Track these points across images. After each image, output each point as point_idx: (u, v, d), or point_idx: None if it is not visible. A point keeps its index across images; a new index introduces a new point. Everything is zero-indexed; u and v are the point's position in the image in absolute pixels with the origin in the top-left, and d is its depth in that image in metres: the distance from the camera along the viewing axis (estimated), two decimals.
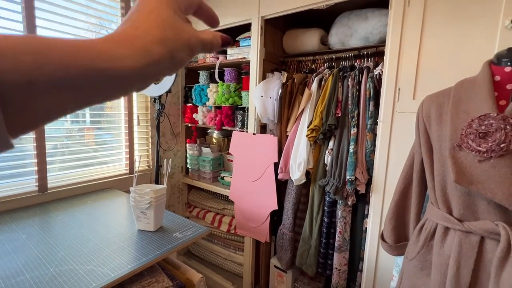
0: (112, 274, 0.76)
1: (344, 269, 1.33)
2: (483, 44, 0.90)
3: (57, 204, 1.30)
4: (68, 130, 1.49)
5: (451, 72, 0.96)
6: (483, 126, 0.62)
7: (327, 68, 1.42)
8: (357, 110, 1.22)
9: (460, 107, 0.69)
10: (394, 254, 0.92)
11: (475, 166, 0.63)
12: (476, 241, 0.66)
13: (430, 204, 0.78)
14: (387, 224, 0.93)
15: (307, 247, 1.40)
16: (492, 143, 0.60)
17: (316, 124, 1.26)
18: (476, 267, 0.65)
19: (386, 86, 1.10)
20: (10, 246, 0.89)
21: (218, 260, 1.90)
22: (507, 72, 0.65)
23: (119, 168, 1.71)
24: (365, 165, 1.21)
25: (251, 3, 1.49)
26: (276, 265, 1.60)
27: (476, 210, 0.66)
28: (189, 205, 2.09)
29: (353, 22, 1.36)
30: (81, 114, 1.56)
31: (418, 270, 0.79)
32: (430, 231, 0.76)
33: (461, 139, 0.65)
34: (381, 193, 1.15)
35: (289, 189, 1.47)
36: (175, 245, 0.95)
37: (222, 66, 1.72)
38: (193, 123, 1.94)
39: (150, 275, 0.89)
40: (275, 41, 1.62)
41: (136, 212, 1.04)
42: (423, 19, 1.01)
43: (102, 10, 1.52)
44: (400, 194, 0.90)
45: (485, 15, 0.90)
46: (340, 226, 1.30)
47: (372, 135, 1.19)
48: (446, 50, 0.97)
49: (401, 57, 1.06)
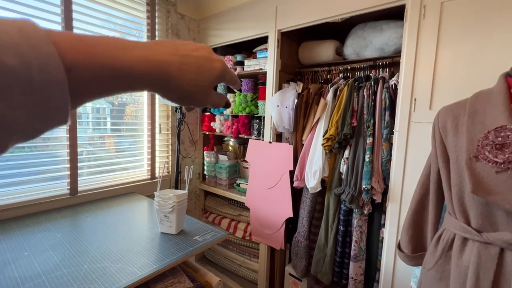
0: (139, 273, 0.82)
1: (360, 279, 1.32)
2: (500, 56, 0.91)
3: (86, 206, 1.39)
4: (92, 138, 1.60)
5: (467, 83, 0.97)
6: (500, 138, 0.63)
7: (342, 79, 1.46)
8: (373, 119, 1.24)
9: (476, 118, 0.70)
10: (411, 264, 0.92)
11: (492, 177, 0.64)
12: (495, 252, 0.66)
13: (448, 214, 0.78)
14: (404, 233, 0.93)
15: (323, 255, 1.40)
16: (509, 155, 0.61)
17: (331, 133, 1.29)
18: (496, 279, 0.65)
19: (402, 96, 1.12)
20: (48, 243, 0.98)
21: (233, 266, 1.92)
22: None
23: (141, 173, 1.80)
24: (381, 175, 1.22)
25: (268, 18, 1.56)
26: (291, 273, 1.61)
27: (494, 221, 0.66)
28: (205, 211, 2.15)
29: (368, 33, 1.39)
30: (103, 122, 1.67)
31: (436, 280, 0.79)
32: (448, 242, 0.76)
33: (478, 150, 0.66)
34: (398, 203, 1.15)
35: (305, 197, 1.49)
36: (196, 248, 1.00)
37: (240, 76, 1.79)
38: (210, 131, 2.01)
39: (173, 276, 0.94)
40: (291, 53, 1.68)
41: (160, 216, 1.10)
42: (438, 31, 1.03)
43: (128, 20, 1.63)
44: (417, 203, 0.91)
45: (502, 27, 0.91)
46: (356, 235, 1.30)
47: (388, 145, 1.20)
48: (463, 61, 0.98)
49: (417, 68, 1.08)
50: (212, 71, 0.30)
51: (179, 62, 0.26)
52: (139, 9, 1.66)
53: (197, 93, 0.29)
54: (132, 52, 0.23)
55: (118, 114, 1.72)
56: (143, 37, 1.72)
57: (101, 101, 1.66)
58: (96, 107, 1.65)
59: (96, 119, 1.62)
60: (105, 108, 1.69)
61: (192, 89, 0.28)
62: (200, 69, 0.28)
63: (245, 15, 1.69)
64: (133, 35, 1.70)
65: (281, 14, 1.52)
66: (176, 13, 1.85)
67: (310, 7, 1.40)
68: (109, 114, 1.70)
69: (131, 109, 1.79)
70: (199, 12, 1.98)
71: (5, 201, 1.21)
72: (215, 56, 0.30)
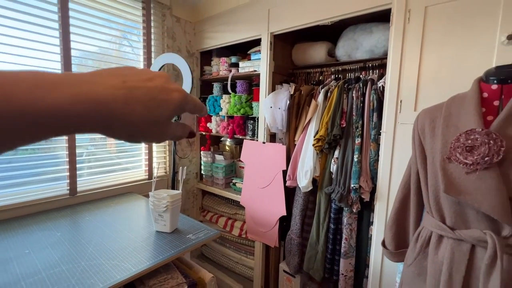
0: (133, 269, 0.86)
1: (350, 275, 1.36)
2: (481, 59, 0.94)
3: (85, 206, 1.44)
4: (93, 139, 1.65)
5: (450, 86, 1.00)
6: (469, 140, 0.66)
7: (333, 80, 1.49)
8: (361, 121, 1.27)
9: (451, 121, 0.74)
10: (395, 260, 0.96)
11: (463, 178, 0.67)
12: (467, 248, 0.69)
13: (426, 213, 0.82)
14: (388, 231, 0.97)
15: (314, 252, 1.44)
16: (477, 157, 0.64)
17: (322, 134, 1.32)
18: (467, 273, 0.69)
19: (389, 98, 1.15)
20: (48, 242, 1.03)
21: (230, 263, 1.97)
22: (494, 89, 0.69)
23: (139, 174, 1.84)
24: (369, 174, 1.25)
25: (261, 20, 1.60)
26: (285, 269, 1.65)
27: (466, 219, 0.70)
28: (203, 210, 2.20)
29: (359, 35, 1.42)
30: None
31: (415, 276, 0.83)
32: (426, 239, 0.80)
33: (450, 152, 0.70)
34: (385, 201, 1.19)
35: (297, 195, 1.53)
36: (189, 245, 1.04)
37: (234, 78, 1.83)
38: (207, 131, 2.05)
39: (166, 272, 0.99)
40: (284, 54, 1.71)
41: (154, 215, 1.15)
42: (422, 35, 1.05)
43: (123, 24, 1.67)
44: (400, 202, 0.94)
45: (482, 32, 0.93)
46: (346, 232, 1.34)
47: (376, 145, 1.23)
48: (445, 64, 1.01)
49: (403, 70, 1.11)
50: (168, 104, 0.26)
51: (125, 96, 0.22)
52: (134, 13, 1.70)
53: (151, 130, 0.25)
54: (60, 90, 0.19)
55: None
56: (139, 40, 1.76)
57: None
58: None
59: None
60: None
61: (144, 126, 0.24)
62: (153, 101, 0.24)
63: (239, 18, 1.72)
64: (129, 39, 1.74)
65: (274, 17, 1.55)
66: (172, 16, 1.89)
67: (301, 11, 1.43)
68: None
69: None
70: (194, 15, 2.01)
71: (7, 202, 1.26)
72: (172, 86, 0.27)
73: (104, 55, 1.62)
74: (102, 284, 0.79)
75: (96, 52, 1.59)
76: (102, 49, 1.60)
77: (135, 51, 1.77)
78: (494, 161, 0.62)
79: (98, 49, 1.58)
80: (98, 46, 1.57)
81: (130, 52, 1.76)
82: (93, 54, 1.58)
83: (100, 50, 1.59)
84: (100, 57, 1.61)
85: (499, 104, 0.70)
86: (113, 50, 1.65)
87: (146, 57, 1.77)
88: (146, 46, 1.76)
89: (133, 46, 1.76)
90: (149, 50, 1.78)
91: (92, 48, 1.54)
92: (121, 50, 1.70)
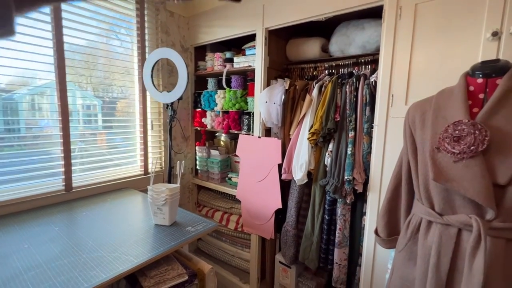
0: (135, 261, 0.88)
1: (344, 264, 1.41)
2: (468, 54, 0.99)
3: (81, 201, 1.44)
4: (84, 135, 1.63)
5: (439, 80, 1.05)
6: (457, 131, 0.70)
7: (327, 75, 1.52)
8: (355, 114, 1.31)
9: (440, 113, 0.78)
10: (387, 247, 1.01)
11: (450, 166, 0.72)
12: (454, 232, 0.74)
13: (416, 200, 0.87)
14: (380, 219, 1.02)
15: (309, 243, 1.49)
16: (464, 146, 0.68)
17: (316, 128, 1.36)
18: (454, 255, 0.74)
19: (381, 92, 1.19)
20: (47, 236, 1.03)
21: (226, 257, 2.00)
22: (479, 83, 0.74)
23: (135, 169, 1.84)
24: (362, 166, 1.30)
25: (256, 16, 1.61)
26: (281, 260, 1.70)
27: (453, 205, 0.75)
28: (199, 204, 2.21)
29: (351, 31, 1.45)
30: (94, 120, 1.70)
31: (406, 260, 0.88)
32: (416, 225, 0.84)
33: (439, 142, 0.74)
34: (378, 192, 1.24)
35: (292, 188, 1.56)
36: (188, 237, 1.06)
37: (229, 73, 1.84)
38: (202, 127, 2.06)
39: (167, 263, 1.01)
40: (279, 50, 1.73)
41: (153, 208, 1.16)
42: (413, 31, 1.09)
43: (118, 18, 1.65)
44: (392, 192, 0.99)
45: (469, 28, 0.98)
46: (340, 223, 1.38)
47: (369, 138, 1.27)
48: (435, 59, 1.06)
49: (394, 66, 1.15)
50: None
51: None
52: (128, 7, 1.68)
53: None
54: None
55: (109, 112, 1.75)
56: (133, 35, 1.74)
57: (91, 97, 1.69)
58: (86, 104, 1.68)
59: (87, 117, 1.65)
60: (95, 104, 1.72)
61: None
62: None
63: (233, 13, 1.73)
64: (123, 33, 1.72)
65: (268, 12, 1.56)
66: (166, 10, 1.87)
67: (295, 6, 1.45)
68: (100, 111, 1.73)
69: (123, 105, 1.82)
70: (188, 9, 2.00)
71: (2, 198, 1.24)
72: None
73: (99, 50, 1.60)
74: (105, 275, 0.80)
75: (89, 47, 1.56)
76: (94, 43, 1.58)
77: (130, 45, 1.75)
78: (479, 150, 0.66)
79: (90, 43, 1.56)
80: (90, 40, 1.55)
81: (124, 47, 1.74)
82: (90, 50, 1.56)
83: (93, 44, 1.57)
84: (94, 51, 1.58)
85: (484, 97, 0.74)
86: (106, 45, 1.63)
87: (141, 51, 1.76)
88: (140, 40, 1.75)
89: (127, 41, 1.74)
90: (143, 44, 1.76)
91: (84, 42, 1.52)
92: (113, 44, 1.68)
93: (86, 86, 1.64)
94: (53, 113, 1.43)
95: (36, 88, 1.42)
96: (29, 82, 1.39)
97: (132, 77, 1.79)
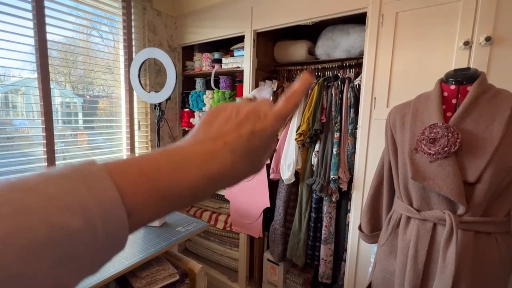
0: (126, 262, 0.88)
1: (330, 259, 1.47)
2: (443, 61, 1.06)
3: None
4: (66, 135, 1.59)
5: (417, 85, 1.12)
6: (433, 133, 0.76)
7: (314, 78, 1.57)
8: (340, 116, 1.37)
9: (417, 117, 0.84)
10: (370, 242, 1.07)
11: (427, 166, 0.78)
12: (430, 227, 0.80)
13: (396, 198, 0.93)
14: (364, 216, 1.07)
15: (297, 240, 1.54)
16: (439, 147, 0.74)
17: (303, 129, 1.40)
18: (430, 248, 0.80)
19: (364, 95, 1.25)
20: None
21: (214, 256, 2.02)
22: (452, 89, 0.80)
23: None
24: (347, 166, 1.36)
25: (244, 18, 1.63)
26: (269, 258, 1.73)
27: (430, 201, 0.81)
28: None
29: (337, 36, 1.51)
30: (74, 120, 1.66)
31: (387, 254, 0.94)
32: (396, 221, 0.90)
33: (417, 144, 0.80)
34: (361, 190, 1.30)
35: (280, 188, 1.60)
36: (179, 237, 1.07)
37: (218, 74, 1.85)
38: (190, 127, 2.06)
39: (158, 264, 1.02)
40: (267, 52, 1.76)
41: None
42: (394, 38, 1.16)
43: (103, 16, 1.62)
44: (374, 190, 1.05)
45: (444, 37, 1.06)
46: (326, 220, 1.44)
47: (353, 139, 1.33)
48: (414, 65, 1.13)
49: (377, 70, 1.22)
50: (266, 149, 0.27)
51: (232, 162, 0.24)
52: (114, 5, 1.65)
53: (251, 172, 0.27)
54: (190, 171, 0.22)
55: (90, 111, 1.70)
56: (119, 33, 1.71)
57: (71, 95, 1.64)
58: (66, 102, 1.63)
59: (66, 116, 1.61)
60: (75, 103, 1.68)
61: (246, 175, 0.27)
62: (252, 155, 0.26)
63: (222, 14, 1.74)
64: (109, 32, 1.69)
65: (257, 15, 1.59)
66: (153, 9, 1.85)
67: (283, 10, 1.48)
68: (81, 110, 1.69)
69: (105, 104, 1.78)
70: (176, 8, 1.99)
71: None
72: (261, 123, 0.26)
73: (83, 48, 1.56)
74: (95, 277, 0.80)
75: (72, 45, 1.52)
76: (76, 41, 1.54)
77: (112, 43, 1.72)
78: (452, 151, 0.73)
79: (72, 41, 1.52)
80: (70, 37, 1.51)
81: (107, 45, 1.71)
82: (69, 46, 1.52)
83: (75, 42, 1.53)
84: (76, 49, 1.54)
85: (456, 102, 0.81)
86: (88, 42, 1.59)
87: (127, 50, 1.73)
88: (127, 39, 1.72)
89: (110, 39, 1.71)
90: (129, 44, 1.74)
91: (64, 39, 1.48)
92: (95, 42, 1.65)
93: (65, 84, 1.60)
94: (33, 113, 1.38)
95: (12, 86, 1.37)
96: (3, 79, 1.33)
97: (117, 76, 1.76)
